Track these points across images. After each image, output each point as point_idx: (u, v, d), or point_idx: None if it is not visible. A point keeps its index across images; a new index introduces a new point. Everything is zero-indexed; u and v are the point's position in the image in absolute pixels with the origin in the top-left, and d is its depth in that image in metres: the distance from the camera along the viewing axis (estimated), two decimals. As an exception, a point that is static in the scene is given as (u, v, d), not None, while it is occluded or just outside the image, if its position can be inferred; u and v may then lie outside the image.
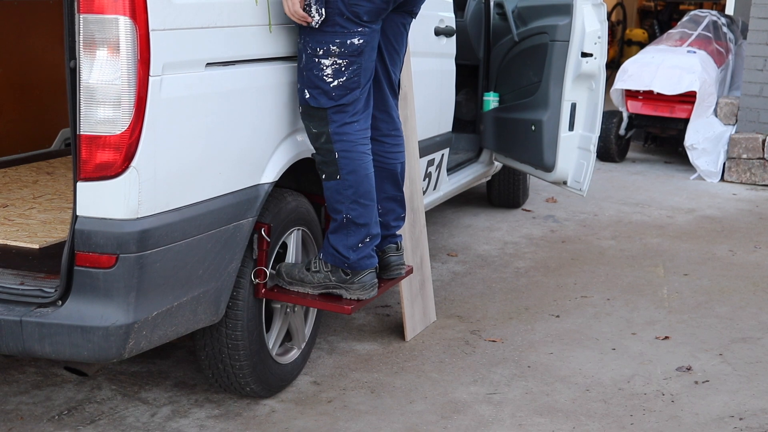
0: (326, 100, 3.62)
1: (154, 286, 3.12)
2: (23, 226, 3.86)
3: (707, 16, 9.44)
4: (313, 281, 3.79)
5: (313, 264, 3.81)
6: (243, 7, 3.46)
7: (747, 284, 5.61)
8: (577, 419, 3.86)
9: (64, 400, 3.85)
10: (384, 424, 3.74)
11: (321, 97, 3.62)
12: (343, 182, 3.69)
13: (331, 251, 3.78)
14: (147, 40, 2.99)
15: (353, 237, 3.75)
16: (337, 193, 3.72)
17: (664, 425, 3.84)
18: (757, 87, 8.32)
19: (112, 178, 3.00)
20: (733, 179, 8.29)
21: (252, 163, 3.56)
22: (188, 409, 3.81)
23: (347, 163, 3.67)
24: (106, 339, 3.05)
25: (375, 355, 4.39)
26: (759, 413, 3.98)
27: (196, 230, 3.26)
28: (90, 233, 3.02)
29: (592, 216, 6.98)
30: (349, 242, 3.75)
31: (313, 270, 3.79)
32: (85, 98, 2.98)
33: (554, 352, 4.50)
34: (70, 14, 2.96)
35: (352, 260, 3.76)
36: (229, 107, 3.42)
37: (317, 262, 3.80)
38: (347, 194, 3.71)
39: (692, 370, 4.37)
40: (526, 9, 5.73)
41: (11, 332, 3.07)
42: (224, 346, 3.65)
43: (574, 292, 5.34)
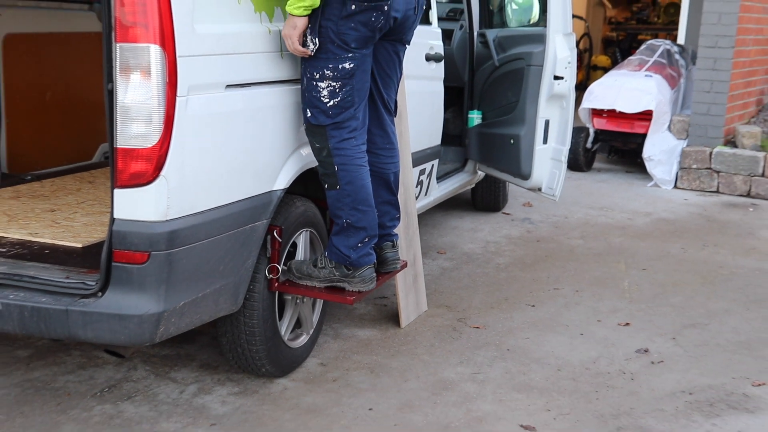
0: (324, 118, 3.63)
1: (181, 280, 3.14)
2: (68, 227, 3.88)
3: (662, 45, 9.48)
4: (320, 276, 3.81)
5: (320, 261, 3.83)
6: (257, 36, 3.48)
7: (696, 278, 5.63)
8: (549, 395, 3.88)
9: (105, 379, 3.87)
10: (382, 400, 3.77)
11: (320, 116, 3.64)
12: (342, 191, 3.71)
13: (334, 250, 3.80)
14: (174, 65, 3.00)
15: (353, 238, 3.77)
16: (338, 201, 3.74)
17: (624, 400, 3.87)
18: (705, 106, 8.36)
19: (144, 186, 3.02)
20: (685, 186, 8.31)
21: (266, 172, 3.58)
22: (212, 387, 3.83)
23: (345, 175, 3.69)
24: (140, 325, 3.07)
25: (374, 340, 4.41)
26: (706, 389, 4.01)
27: (217, 231, 3.27)
28: (125, 234, 3.04)
29: (563, 218, 7.00)
30: (349, 243, 3.77)
31: (319, 266, 3.82)
32: (121, 116, 2.99)
33: (530, 337, 4.52)
34: (108, 43, 2.98)
35: (353, 258, 3.78)
36: (246, 123, 3.43)
37: (323, 260, 3.83)
38: (346, 202, 3.73)
39: (649, 352, 4.40)
40: (505, 38, 5.75)
41: (59, 319, 3.09)
42: (242, 332, 3.67)
43: (548, 285, 5.37)
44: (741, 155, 8.12)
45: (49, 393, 3.74)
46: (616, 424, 3.65)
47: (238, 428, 3.50)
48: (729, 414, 3.78)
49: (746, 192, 8.10)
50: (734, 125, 8.58)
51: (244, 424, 3.53)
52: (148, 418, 3.56)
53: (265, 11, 3.54)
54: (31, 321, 3.14)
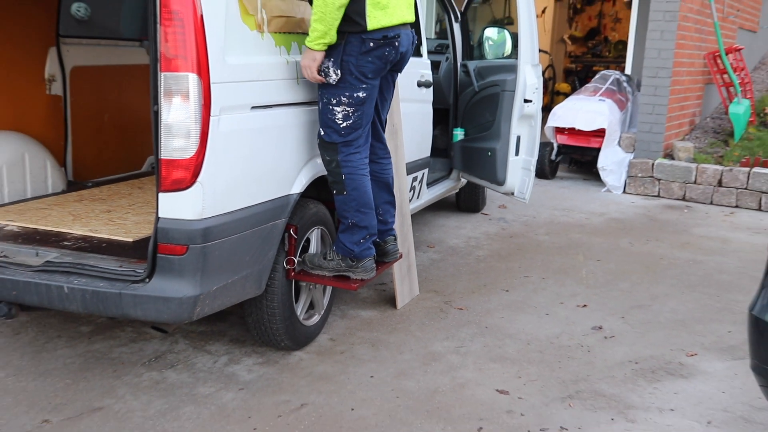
0: (337, 137, 3.62)
1: (214, 268, 3.14)
2: (121, 225, 3.87)
3: (612, 75, 9.47)
4: (329, 267, 3.80)
5: (329, 254, 3.82)
6: (277, 66, 3.48)
7: (641, 267, 5.61)
8: (520, 365, 3.87)
9: (152, 351, 3.86)
10: (381, 369, 3.75)
11: (333, 135, 3.63)
12: (349, 196, 3.71)
13: (341, 245, 3.79)
14: (209, 90, 3.00)
15: (357, 235, 3.76)
16: (345, 204, 3.73)
17: (582, 368, 3.86)
18: (648, 126, 8.35)
19: (183, 190, 3.02)
20: (632, 191, 8.30)
21: (284, 179, 3.57)
22: (240, 358, 3.81)
23: (351, 183, 3.68)
24: (180, 306, 3.07)
25: (375, 319, 4.39)
26: (649, 359, 4.01)
27: (243, 228, 3.27)
28: (168, 230, 3.04)
29: (532, 218, 6.99)
30: (353, 239, 3.77)
31: (328, 259, 3.80)
32: (164, 133, 2.99)
33: (504, 317, 4.50)
34: (154, 73, 2.98)
35: (356, 252, 3.78)
36: (268, 138, 3.43)
37: (331, 253, 3.82)
38: (352, 205, 3.72)
39: (603, 329, 4.38)
40: (484, 68, 5.74)
41: (114, 301, 3.10)
42: (265, 312, 3.66)
43: (519, 273, 5.34)
44: (677, 166, 8.11)
45: (106, 362, 3.74)
46: (575, 388, 3.64)
47: (262, 392, 3.49)
48: (667, 379, 3.77)
49: (682, 196, 8.10)
50: (672, 141, 8.58)
51: (267, 389, 3.52)
52: (188, 383, 3.55)
53: (284, 45, 3.55)
54: (92, 302, 3.15)
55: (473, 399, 3.50)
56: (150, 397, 3.41)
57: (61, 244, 3.55)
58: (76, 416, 3.25)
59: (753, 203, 7.78)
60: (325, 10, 3.36)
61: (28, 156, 4.44)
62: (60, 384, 3.51)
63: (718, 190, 7.93)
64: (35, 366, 3.67)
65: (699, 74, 9.19)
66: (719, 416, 3.44)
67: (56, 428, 3.15)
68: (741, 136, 8.77)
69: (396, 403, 3.43)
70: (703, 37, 8.95)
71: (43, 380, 3.54)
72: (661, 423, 3.36)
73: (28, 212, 4.06)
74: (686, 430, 3.31)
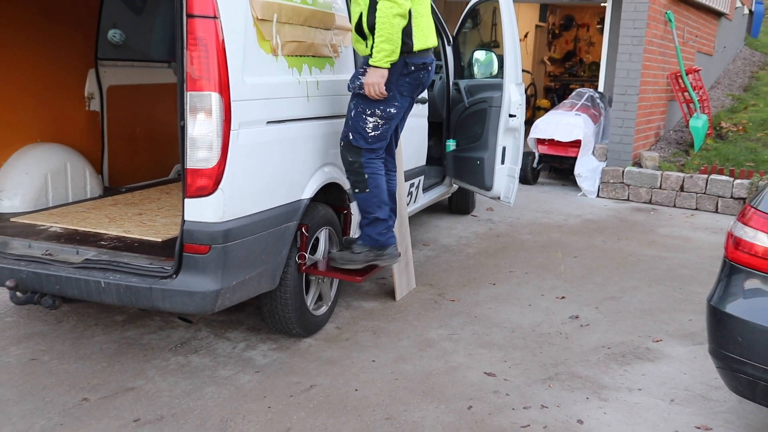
0: (363, 143, 3.63)
1: (233, 265, 3.13)
2: (151, 227, 3.86)
3: (587, 92, 9.45)
4: (360, 259, 3.79)
5: (355, 248, 3.80)
6: (290, 85, 3.48)
7: (613, 263, 5.59)
8: (506, 350, 3.85)
9: (178, 338, 3.85)
10: (382, 354, 3.74)
11: (360, 140, 3.63)
12: (371, 194, 3.71)
13: (367, 238, 3.80)
14: (229, 108, 3.00)
15: (379, 227, 3.77)
16: (367, 201, 3.73)
17: (561, 352, 3.84)
18: (618, 137, 8.33)
19: (206, 196, 3.01)
20: (605, 196, 8.28)
21: (296, 185, 3.56)
22: (256, 344, 3.80)
23: (372, 182, 3.69)
24: (203, 299, 3.06)
25: (376, 309, 4.37)
26: (619, 344, 3.99)
27: (260, 229, 3.26)
28: (193, 231, 3.03)
29: (516, 219, 6.97)
30: (377, 230, 3.77)
31: (356, 252, 3.80)
32: (190, 145, 2.99)
33: (492, 307, 4.48)
34: (181, 91, 2.98)
35: (382, 241, 3.79)
36: (282, 150, 3.42)
37: (358, 247, 3.80)
38: (373, 201, 3.72)
39: (579, 318, 4.37)
40: (473, 86, 5.72)
41: (145, 294, 3.09)
42: (278, 303, 3.65)
43: (505, 269, 5.32)
44: (645, 173, 8.09)
45: (138, 347, 3.72)
46: (554, 371, 3.63)
47: (276, 375, 3.48)
48: (636, 362, 3.76)
49: (648, 200, 8.07)
50: (639, 151, 8.55)
51: (280, 372, 3.51)
52: (210, 366, 3.53)
53: (296, 67, 3.53)
54: (125, 295, 3.14)
55: (464, 381, 3.48)
56: (176, 379, 3.40)
57: (99, 243, 3.55)
58: (111, 395, 3.24)
59: (711, 206, 7.77)
60: (392, 31, 3.40)
61: (69, 165, 4.43)
62: (97, 367, 3.50)
63: (681, 194, 7.92)
64: (75, 350, 3.66)
65: (663, 92, 9.18)
66: (681, 395, 3.43)
67: (94, 406, 3.14)
68: (700, 147, 8.76)
69: (395, 384, 3.42)
70: (666, 60, 8.95)
71: (82, 363, 3.53)
72: (630, 401, 3.35)
73: (69, 215, 4.05)
74: (652, 407, 3.30)
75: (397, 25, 3.41)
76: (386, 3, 3.37)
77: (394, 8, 3.37)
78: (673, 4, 8.79)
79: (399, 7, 3.38)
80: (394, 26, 3.39)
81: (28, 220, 3.90)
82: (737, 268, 2.77)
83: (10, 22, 4.11)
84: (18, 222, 3.88)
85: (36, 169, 4.22)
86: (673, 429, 3.12)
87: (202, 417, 3.08)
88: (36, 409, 3.10)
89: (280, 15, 3.37)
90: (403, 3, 3.40)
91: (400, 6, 3.38)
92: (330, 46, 3.81)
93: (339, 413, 3.14)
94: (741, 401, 3.33)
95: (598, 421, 3.16)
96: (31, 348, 3.68)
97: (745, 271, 2.73)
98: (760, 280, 2.69)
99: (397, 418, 3.12)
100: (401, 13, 3.40)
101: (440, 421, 3.10)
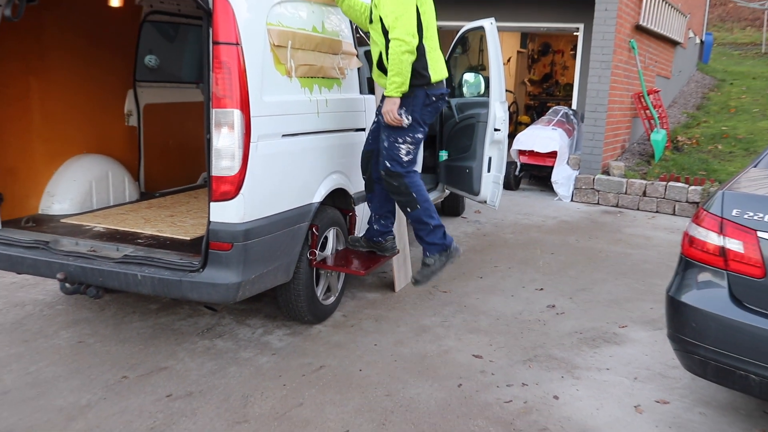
0: (399, 168, 3.59)
1: (253, 261, 3.12)
2: (181, 227, 3.85)
3: (562, 109, 9.43)
4: (437, 267, 3.75)
5: (427, 261, 3.75)
6: (302, 103, 3.47)
7: (585, 258, 5.58)
8: (491, 335, 3.84)
9: (204, 324, 3.84)
10: (383, 339, 3.73)
11: (396, 166, 3.59)
12: (422, 207, 3.65)
13: (435, 246, 3.73)
14: (249, 123, 2.99)
15: (439, 231, 3.73)
16: (422, 215, 3.66)
17: (539, 337, 3.83)
18: (589, 149, 8.31)
19: (229, 200, 3.00)
20: (578, 200, 8.26)
21: (308, 191, 3.55)
22: (273, 330, 3.79)
23: (419, 196, 3.63)
24: (226, 290, 3.05)
25: (378, 299, 4.36)
26: (590, 330, 3.98)
27: (276, 229, 3.25)
28: (217, 231, 3.02)
29: (500, 220, 6.96)
30: (439, 236, 3.72)
31: (431, 264, 3.74)
32: (215, 155, 2.98)
33: (479, 298, 4.47)
34: (207, 108, 2.97)
35: (447, 243, 3.75)
36: (295, 160, 3.41)
37: (429, 259, 3.74)
38: (427, 213, 3.66)
39: (555, 307, 4.36)
40: (463, 104, 5.71)
41: (175, 286, 3.09)
42: (292, 294, 3.64)
43: (490, 264, 5.31)
44: (612, 180, 8.07)
45: (169, 332, 3.72)
46: (534, 353, 3.62)
47: (290, 356, 3.47)
48: (604, 345, 3.75)
49: (615, 204, 8.06)
50: (608, 161, 8.53)
51: (293, 354, 3.50)
52: (232, 349, 3.53)
53: (308, 87, 3.53)
54: (159, 286, 3.13)
55: (455, 362, 3.47)
56: (203, 360, 3.39)
57: (136, 241, 3.54)
58: (147, 373, 3.23)
59: (669, 209, 7.75)
60: (401, 66, 3.38)
61: (111, 173, 4.43)
62: (134, 348, 3.50)
63: (643, 199, 7.90)
64: (116, 334, 3.66)
65: (628, 110, 9.17)
66: (643, 373, 3.42)
67: (132, 383, 3.14)
68: (660, 158, 8.75)
69: (394, 365, 3.41)
70: (630, 82, 8.94)
71: (122, 345, 3.52)
72: (599, 379, 3.34)
73: (110, 216, 4.05)
74: (618, 384, 3.29)
75: (407, 61, 3.39)
76: (396, 41, 3.37)
77: (402, 46, 3.37)
78: (635, 34, 8.79)
79: (407, 45, 3.38)
80: (403, 62, 3.38)
81: (76, 221, 3.90)
82: (692, 263, 2.76)
83: (64, 50, 4.11)
84: (67, 223, 3.88)
85: (82, 176, 4.22)
86: (636, 403, 3.12)
87: (226, 393, 3.08)
88: (83, 385, 3.10)
89: (294, 42, 3.37)
90: (411, 41, 3.38)
91: (408, 44, 3.38)
92: (337, 69, 3.80)
93: (345, 390, 3.13)
94: (694, 378, 3.32)
95: (572, 396, 3.16)
96: (78, 332, 3.68)
97: (699, 265, 2.73)
98: (711, 273, 2.68)
99: (396, 394, 3.12)
100: (410, 50, 3.39)
101: (433, 397, 3.10)
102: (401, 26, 3.36)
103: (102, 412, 2.88)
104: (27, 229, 3.70)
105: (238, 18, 2.95)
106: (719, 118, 10.80)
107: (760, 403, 3.14)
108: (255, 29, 3.09)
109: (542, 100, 14.95)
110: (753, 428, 2.93)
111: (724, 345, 2.58)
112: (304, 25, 3.51)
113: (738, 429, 2.92)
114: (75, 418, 2.84)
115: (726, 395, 3.20)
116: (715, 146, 9.31)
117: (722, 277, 2.64)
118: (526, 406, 3.04)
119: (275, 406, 2.98)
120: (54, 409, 2.90)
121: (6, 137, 3.77)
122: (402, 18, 3.37)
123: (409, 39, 3.38)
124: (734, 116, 10.88)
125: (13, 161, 3.86)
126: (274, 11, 3.26)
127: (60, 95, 4.15)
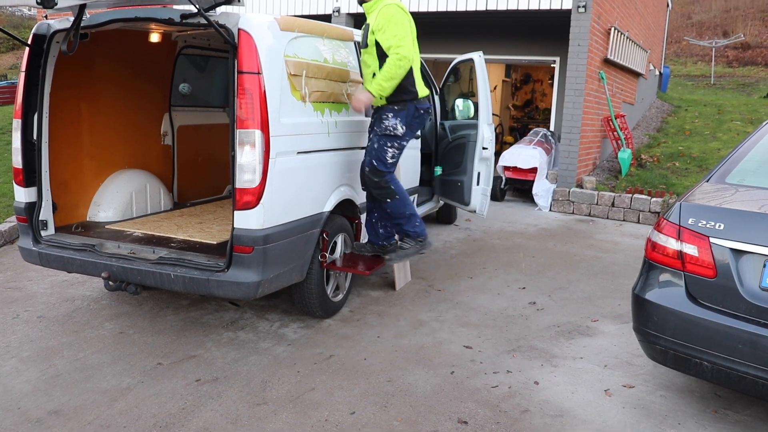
0: (383, 167, 3.62)
1: (271, 263, 3.12)
2: (209, 232, 3.86)
3: (541, 131, 9.44)
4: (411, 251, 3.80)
5: (403, 245, 3.77)
6: (315, 124, 3.47)
7: (562, 261, 5.57)
8: (480, 329, 3.83)
9: (229, 318, 3.83)
10: (386, 331, 3.72)
11: (381, 166, 3.62)
12: (399, 198, 3.68)
13: (410, 232, 3.77)
14: (268, 141, 3.00)
15: (413, 220, 3.75)
16: (399, 204, 3.69)
17: (522, 330, 3.82)
18: (565, 165, 8.30)
19: (251, 209, 3.01)
20: (556, 210, 8.24)
21: (319, 201, 3.55)
22: (288, 323, 3.78)
23: (397, 189, 3.67)
24: (248, 288, 3.05)
25: (380, 297, 4.35)
26: (567, 323, 3.96)
27: (291, 235, 3.25)
28: (240, 236, 3.02)
29: (488, 227, 6.95)
30: (414, 223, 3.76)
31: (405, 247, 3.78)
32: (238, 170, 2.99)
33: (469, 296, 4.46)
34: (232, 129, 2.98)
35: (419, 231, 3.77)
36: (309, 174, 3.41)
37: (407, 241, 3.76)
38: (403, 203, 3.69)
39: (536, 303, 4.34)
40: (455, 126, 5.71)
41: (204, 284, 3.09)
42: (305, 292, 3.63)
43: (479, 266, 5.30)
44: (585, 193, 8.06)
45: (199, 324, 3.71)
46: (517, 344, 3.60)
47: (303, 347, 3.46)
48: (579, 337, 3.73)
49: (588, 213, 8.04)
50: (581, 176, 8.53)
51: (306, 345, 3.49)
52: (253, 340, 3.52)
53: (319, 111, 3.54)
54: (189, 284, 3.14)
55: (448, 352, 3.46)
56: (227, 349, 3.38)
57: (169, 245, 3.55)
58: (179, 361, 3.23)
59: (634, 218, 7.74)
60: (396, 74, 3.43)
61: (148, 185, 4.45)
62: (168, 339, 3.49)
63: (612, 209, 7.89)
64: (152, 326, 3.66)
65: (598, 131, 9.17)
66: (612, 361, 3.40)
67: (166, 369, 3.13)
68: (626, 173, 8.75)
69: (395, 355, 3.40)
70: (600, 107, 8.96)
71: (157, 336, 3.52)
72: (574, 367, 3.32)
73: (148, 223, 4.06)
74: (590, 371, 3.28)
75: (401, 74, 3.46)
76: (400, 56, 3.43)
77: (404, 60, 3.44)
78: (604, 66, 8.82)
79: (408, 62, 3.47)
80: (398, 73, 3.44)
81: (118, 227, 3.92)
82: (654, 265, 2.76)
83: (110, 79, 4.14)
84: (110, 228, 3.89)
85: (124, 188, 4.24)
86: (605, 387, 3.10)
87: (247, 378, 3.07)
88: (123, 370, 3.10)
89: (308, 71, 3.39)
90: (411, 59, 3.48)
91: (410, 61, 3.47)
92: (345, 95, 3.82)
93: (352, 376, 3.12)
94: (656, 366, 3.31)
95: (550, 381, 3.14)
96: (120, 324, 3.68)
97: (660, 267, 2.73)
98: (670, 274, 2.68)
99: (396, 380, 3.11)
100: (407, 67, 3.47)
101: (429, 383, 3.09)
102: (406, 45, 3.44)
103: (140, 394, 2.88)
104: (76, 234, 3.72)
105: (259, 51, 2.98)
106: (676, 139, 10.82)
107: (713, 386, 3.12)
108: (274, 60, 3.11)
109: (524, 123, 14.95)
110: (706, 408, 2.92)
111: (682, 336, 2.58)
112: (317, 56, 3.53)
113: (693, 409, 2.91)
114: (117, 398, 2.84)
115: (683, 380, 3.19)
116: (673, 164, 9.32)
117: (680, 278, 2.64)
118: (511, 391, 3.03)
119: (290, 390, 2.97)
120: (99, 391, 2.90)
121: (61, 155, 3.79)
122: (405, 39, 3.45)
123: (411, 57, 3.47)
124: (689, 138, 10.90)
125: (66, 176, 3.88)
126: (291, 45, 3.28)
127: (106, 119, 4.18)
